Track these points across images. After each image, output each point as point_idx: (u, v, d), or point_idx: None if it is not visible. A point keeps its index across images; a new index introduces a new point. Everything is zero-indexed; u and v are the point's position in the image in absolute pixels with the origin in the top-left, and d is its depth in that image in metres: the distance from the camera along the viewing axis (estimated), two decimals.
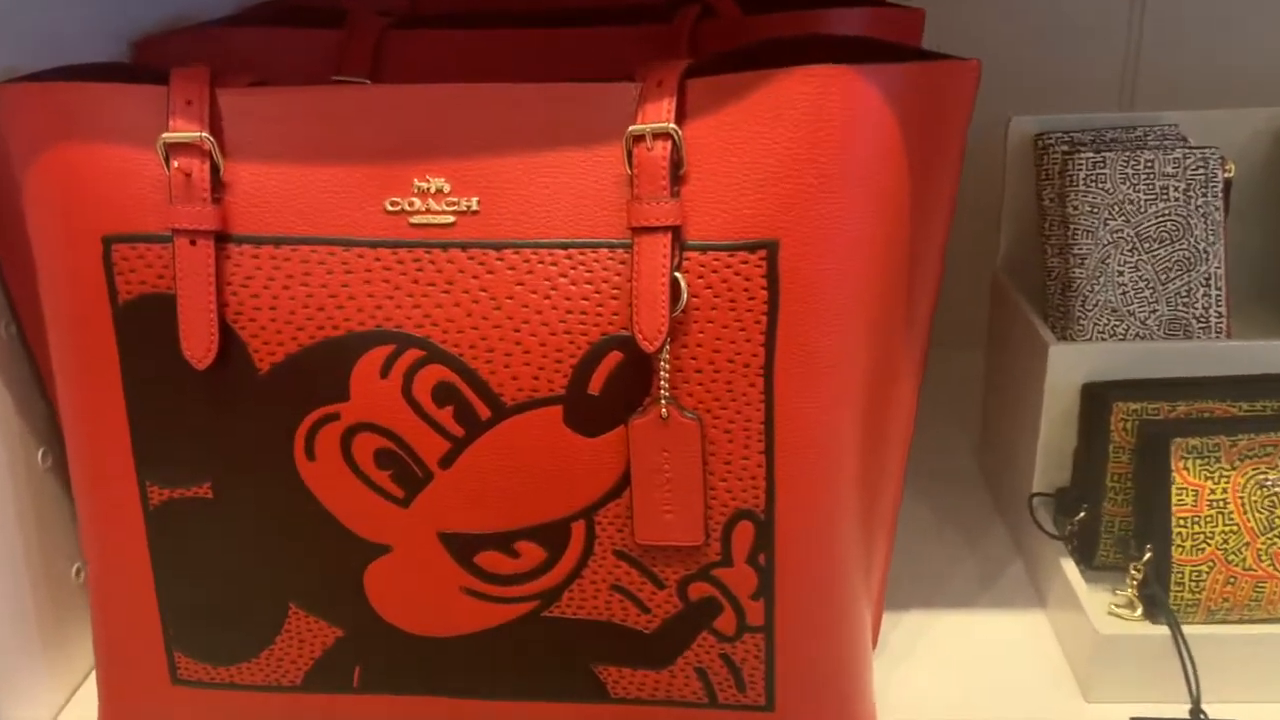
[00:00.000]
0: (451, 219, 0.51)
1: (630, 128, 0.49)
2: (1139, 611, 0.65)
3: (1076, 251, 0.71)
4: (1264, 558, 0.63)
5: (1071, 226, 0.71)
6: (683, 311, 0.50)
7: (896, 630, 0.70)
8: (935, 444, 0.91)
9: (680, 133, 0.49)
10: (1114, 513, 0.68)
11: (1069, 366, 0.70)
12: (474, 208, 0.51)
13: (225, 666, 0.58)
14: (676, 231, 0.49)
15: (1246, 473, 0.62)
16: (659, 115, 0.49)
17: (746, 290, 0.50)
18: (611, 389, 0.51)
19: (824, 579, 0.54)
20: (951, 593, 0.73)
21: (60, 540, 0.64)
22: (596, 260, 0.50)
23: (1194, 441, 0.62)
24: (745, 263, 0.49)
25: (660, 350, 0.49)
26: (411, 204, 0.52)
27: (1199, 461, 0.62)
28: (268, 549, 0.55)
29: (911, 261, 0.53)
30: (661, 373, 0.50)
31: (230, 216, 0.52)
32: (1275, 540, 0.62)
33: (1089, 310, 0.71)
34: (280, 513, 0.54)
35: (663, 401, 0.50)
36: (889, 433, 0.56)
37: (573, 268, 0.51)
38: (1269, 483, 0.62)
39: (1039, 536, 0.71)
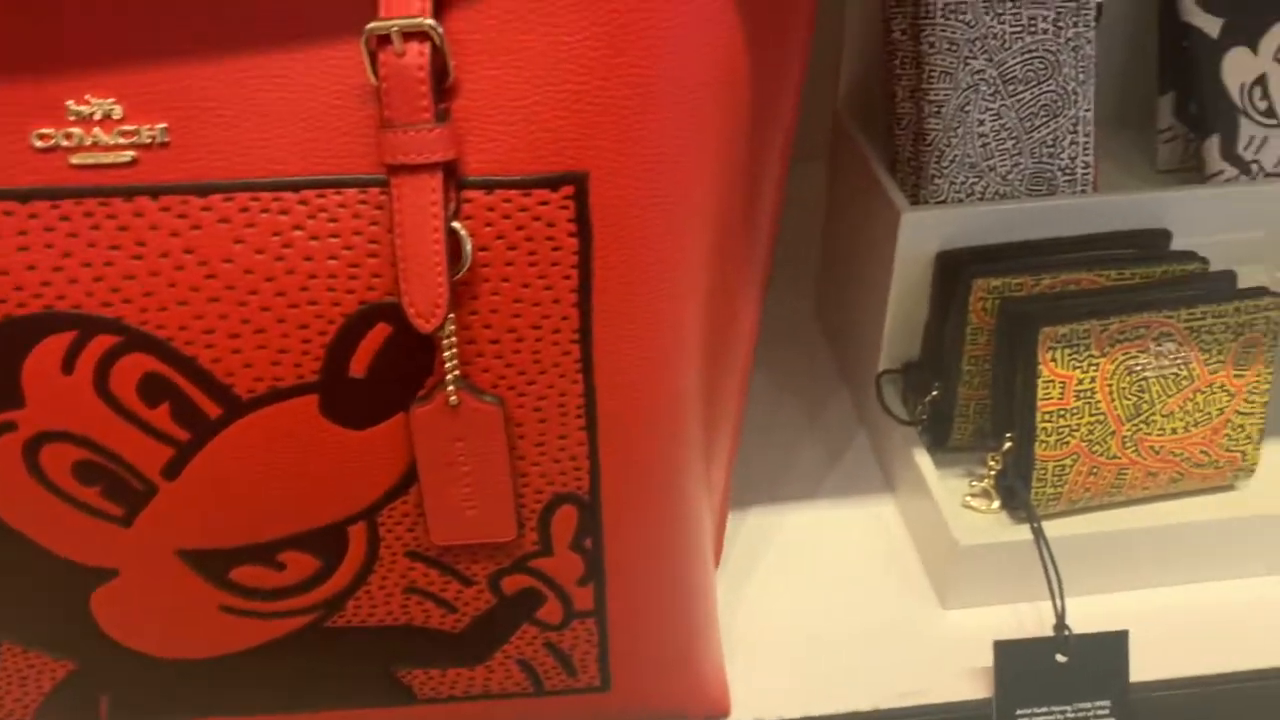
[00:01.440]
0: (131, 155, 0.37)
1: (369, 24, 0.35)
2: (995, 503, 0.61)
3: (932, 98, 0.61)
4: (1128, 445, 0.58)
5: (927, 67, 0.60)
6: (468, 270, 0.38)
7: (739, 536, 0.63)
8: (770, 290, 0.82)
9: (441, 30, 0.35)
10: (969, 396, 0.62)
11: (922, 234, 0.61)
12: (161, 139, 0.37)
13: None
14: (449, 167, 0.36)
15: (1116, 358, 0.56)
16: (408, 5, 0.35)
17: (550, 238, 0.38)
18: (381, 370, 0.39)
19: (660, 552, 0.46)
20: (795, 483, 0.67)
21: None
22: (343, 205, 0.37)
23: (1063, 330, 0.55)
24: (546, 203, 0.37)
25: (442, 325, 0.37)
26: (70, 136, 0.36)
27: (1068, 351, 0.56)
28: None
29: (752, 181, 0.42)
30: (447, 350, 0.38)
31: None
32: (1140, 426, 0.58)
33: (945, 167, 0.61)
34: None
35: (451, 385, 0.39)
36: (730, 373, 0.47)
37: (310, 216, 0.37)
38: (1139, 367, 0.57)
39: (887, 417, 0.65)
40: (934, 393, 0.63)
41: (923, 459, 0.61)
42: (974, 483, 0.62)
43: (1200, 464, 0.59)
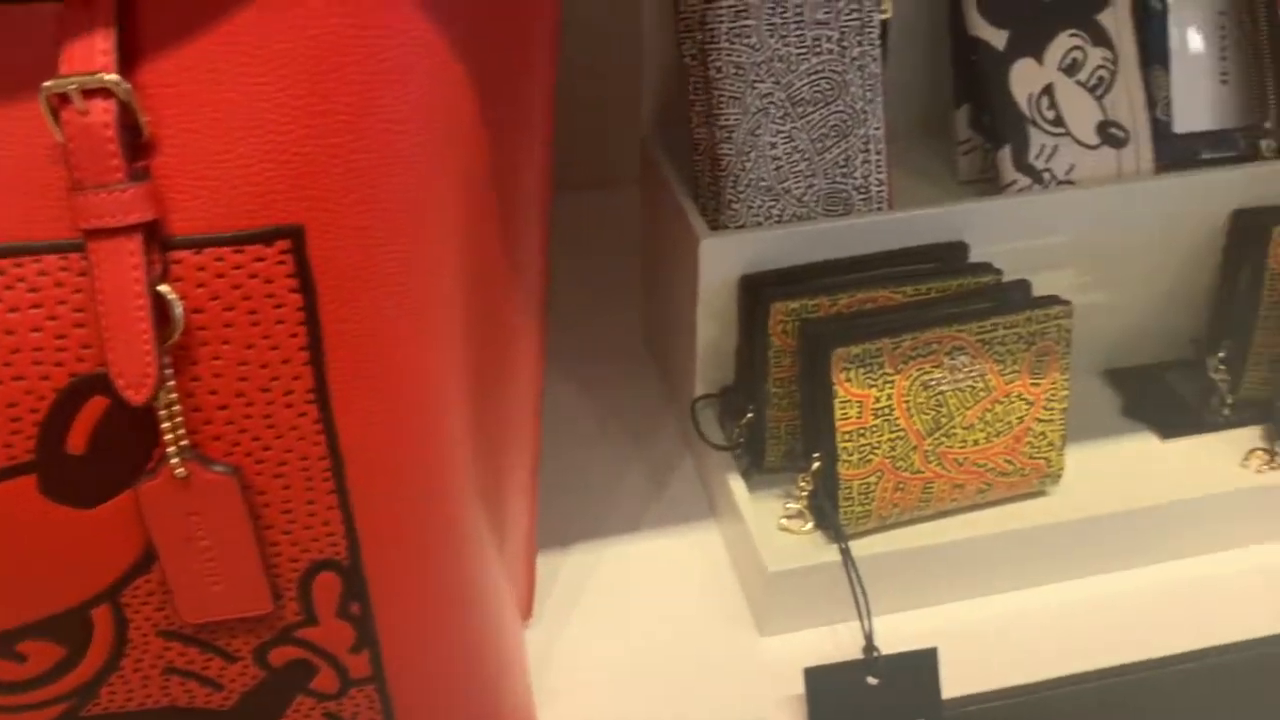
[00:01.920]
0: None
1: (44, 83, 0.33)
2: (809, 525, 0.60)
3: (723, 123, 0.60)
4: (931, 459, 0.58)
5: (715, 92, 0.60)
6: (184, 335, 0.35)
7: (560, 574, 0.62)
8: (599, 315, 0.81)
9: (128, 85, 0.33)
10: (779, 418, 0.62)
11: (723, 259, 0.61)
12: None
13: None
14: (151, 228, 0.34)
15: (911, 375, 0.56)
16: (89, 59, 0.33)
17: (270, 296, 0.36)
18: (102, 446, 0.37)
19: (438, 612, 0.44)
20: (620, 514, 0.65)
21: None
22: (43, 273, 0.35)
23: (855, 350, 0.55)
24: (261, 259, 0.35)
25: (155, 395, 0.35)
26: None
27: (861, 371, 0.56)
28: None
29: (507, 213, 0.40)
30: (167, 421, 0.36)
31: None
32: (942, 440, 0.58)
33: (741, 191, 0.61)
34: None
35: (175, 457, 0.37)
36: (513, 414, 0.46)
37: (8, 287, 0.35)
38: (934, 382, 0.57)
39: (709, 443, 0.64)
40: (748, 416, 0.63)
41: (736, 484, 0.61)
42: (789, 504, 0.61)
43: (1006, 473, 0.60)
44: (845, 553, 0.56)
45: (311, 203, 0.35)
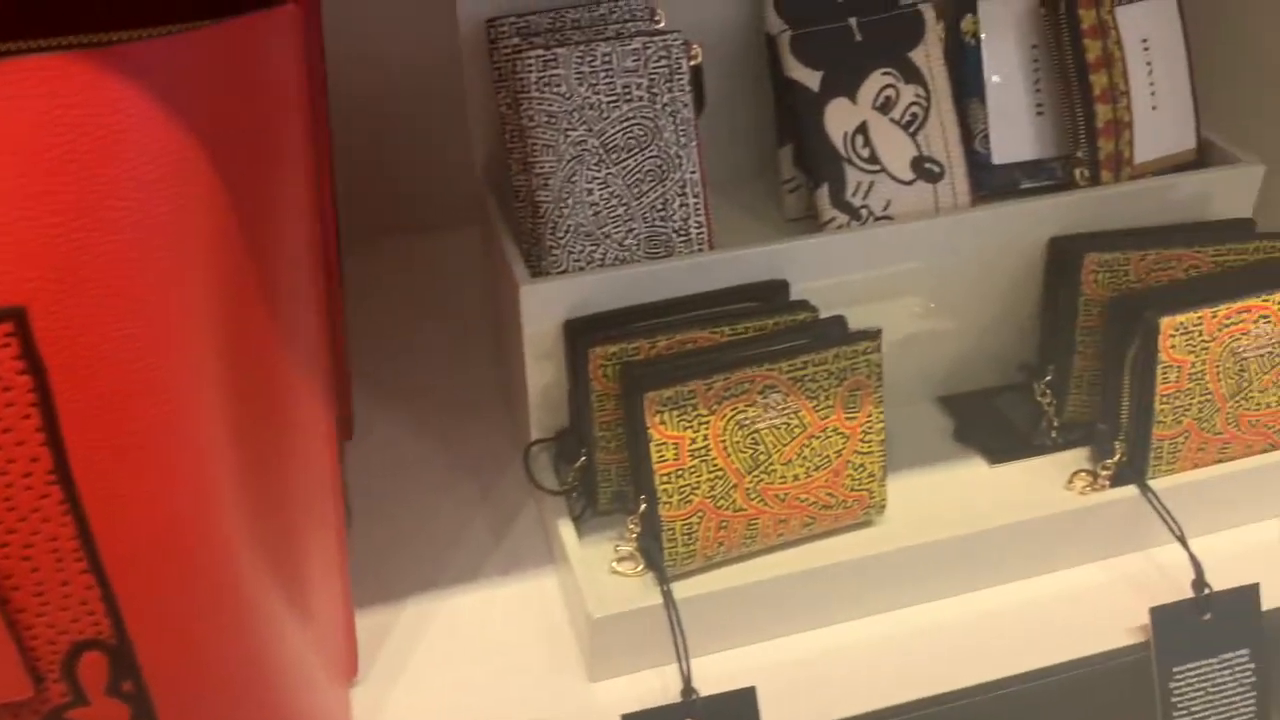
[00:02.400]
0: None
1: None
2: (640, 567, 0.61)
3: (538, 170, 0.61)
4: (752, 496, 0.59)
5: (529, 140, 0.60)
6: None
7: (396, 626, 0.61)
8: (458, 361, 0.81)
9: None
10: (609, 460, 0.62)
11: (546, 304, 0.61)
12: None
13: None
14: None
15: (726, 415, 0.57)
16: None
17: None
18: None
19: (223, 681, 0.43)
20: (461, 563, 0.65)
21: None
22: None
23: (668, 393, 0.56)
24: None
25: None
26: None
27: (675, 413, 0.56)
28: None
29: (264, 266, 0.40)
30: None
31: None
32: (761, 477, 0.58)
33: (561, 237, 0.61)
34: None
35: None
36: (297, 472, 0.45)
37: None
38: (749, 421, 0.58)
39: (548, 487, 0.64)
40: (581, 460, 0.63)
41: (567, 528, 0.61)
42: (620, 547, 0.62)
43: (829, 505, 0.61)
44: (667, 594, 0.56)
45: (34, 284, 0.35)
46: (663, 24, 0.65)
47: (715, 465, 0.57)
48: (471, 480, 0.71)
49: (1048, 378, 0.68)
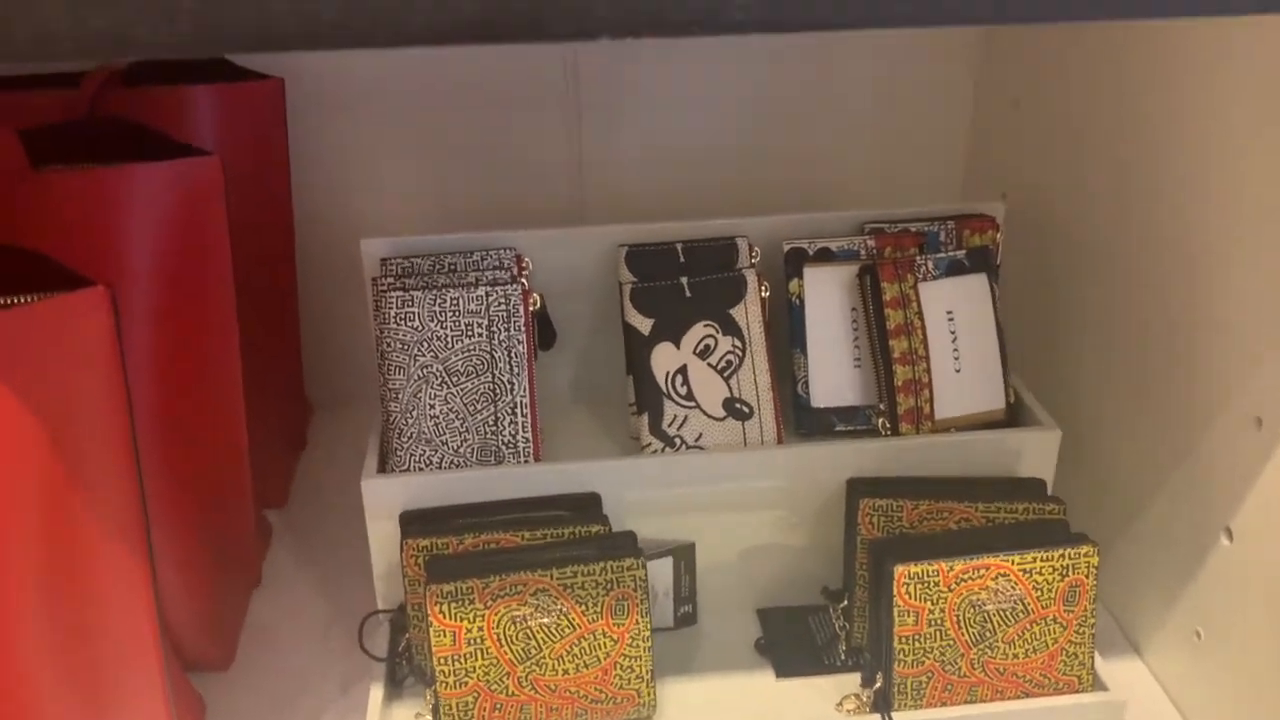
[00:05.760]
0: None
1: None
2: None
3: (390, 386, 0.74)
4: (524, 684, 0.68)
5: (386, 361, 0.74)
6: None
7: None
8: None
9: None
10: (421, 637, 0.72)
11: (386, 497, 0.73)
12: None
13: None
14: None
15: (499, 611, 0.67)
16: None
17: None
18: None
19: None
20: (308, 706, 0.76)
21: None
22: None
23: (448, 587, 0.66)
24: None
25: None
26: None
27: (454, 605, 0.66)
28: None
29: (67, 453, 0.53)
30: None
31: None
32: (533, 668, 0.68)
33: (404, 441, 0.74)
34: None
35: None
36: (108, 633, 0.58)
37: None
38: (520, 617, 0.67)
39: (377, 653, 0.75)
40: (407, 634, 0.74)
41: (375, 692, 0.71)
42: (419, 714, 0.71)
43: (599, 700, 0.69)
44: None
45: None
46: (528, 271, 0.78)
47: (489, 654, 0.67)
48: (345, 641, 0.82)
49: (843, 604, 0.76)
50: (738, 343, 0.77)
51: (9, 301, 0.51)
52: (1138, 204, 0.76)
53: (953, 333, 0.77)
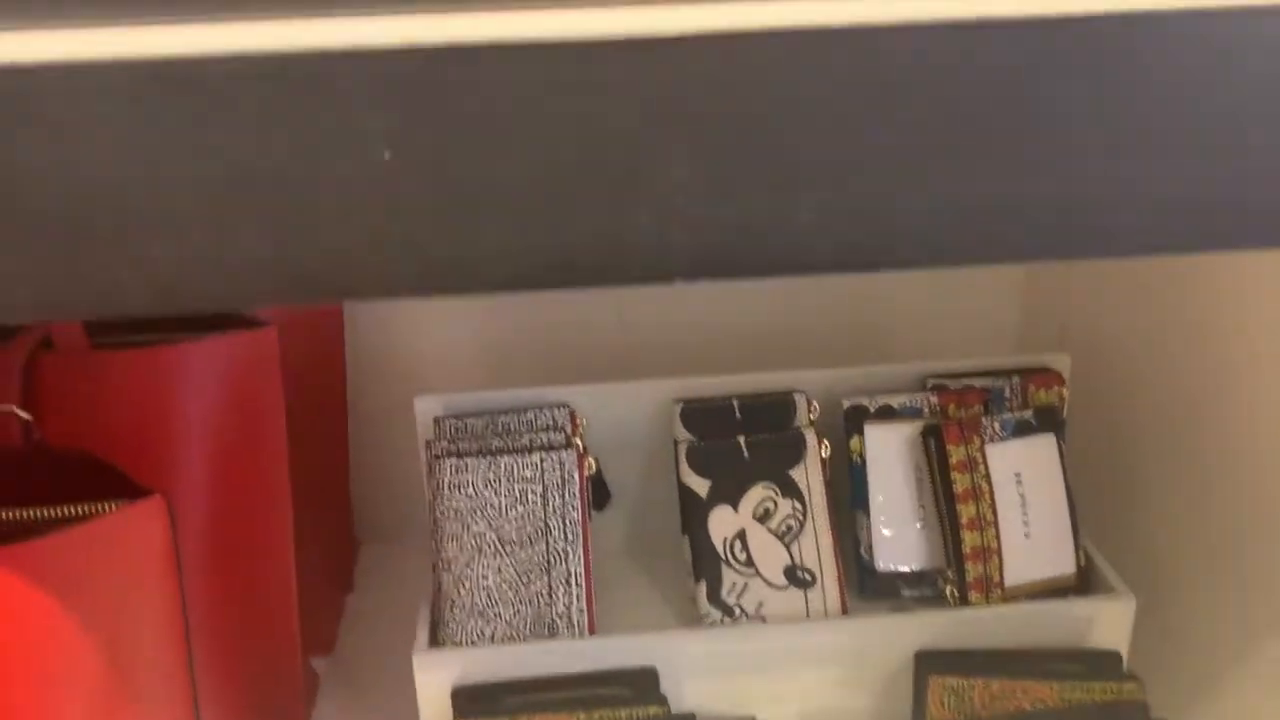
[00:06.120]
0: None
1: None
2: None
3: (443, 555, 0.72)
4: None
5: (439, 529, 0.72)
6: None
7: None
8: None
9: None
10: None
11: (437, 671, 0.71)
12: None
13: None
14: None
15: None
16: None
17: None
18: None
19: None
20: None
21: None
22: None
23: None
24: None
25: None
26: None
27: None
28: None
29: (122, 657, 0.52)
30: None
31: None
32: None
33: (456, 614, 0.72)
34: None
35: None
36: None
37: None
38: None
39: None
40: None
41: None
42: None
43: None
44: None
45: None
46: (583, 429, 0.76)
47: None
48: None
49: None
50: (798, 505, 0.75)
51: (66, 514, 0.50)
52: (1210, 349, 0.73)
53: (1021, 495, 0.75)
